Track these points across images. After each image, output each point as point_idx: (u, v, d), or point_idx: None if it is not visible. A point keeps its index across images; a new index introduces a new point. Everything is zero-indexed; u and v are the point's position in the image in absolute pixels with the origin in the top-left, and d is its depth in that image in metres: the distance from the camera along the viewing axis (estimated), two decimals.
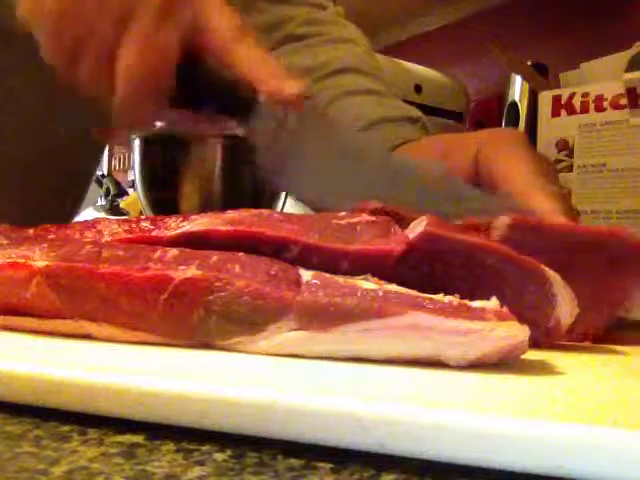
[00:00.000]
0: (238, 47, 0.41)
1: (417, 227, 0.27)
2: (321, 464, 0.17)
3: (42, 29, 0.41)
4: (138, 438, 0.19)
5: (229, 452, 0.18)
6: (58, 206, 0.67)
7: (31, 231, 0.33)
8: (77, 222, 0.33)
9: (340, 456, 0.18)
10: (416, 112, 0.60)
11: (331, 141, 0.42)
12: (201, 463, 0.17)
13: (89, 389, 0.20)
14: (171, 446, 0.18)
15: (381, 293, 0.24)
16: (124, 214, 1.62)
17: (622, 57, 0.69)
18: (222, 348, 0.25)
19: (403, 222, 0.29)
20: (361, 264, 0.27)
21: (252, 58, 0.41)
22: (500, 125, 1.17)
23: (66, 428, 0.19)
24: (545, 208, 0.38)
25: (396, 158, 0.44)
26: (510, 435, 0.16)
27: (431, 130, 0.60)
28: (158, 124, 0.51)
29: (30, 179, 0.64)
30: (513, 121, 1.14)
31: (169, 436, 0.19)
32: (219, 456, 0.18)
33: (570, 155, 0.73)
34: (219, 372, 0.22)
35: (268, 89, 0.41)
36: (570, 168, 0.74)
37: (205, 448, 0.18)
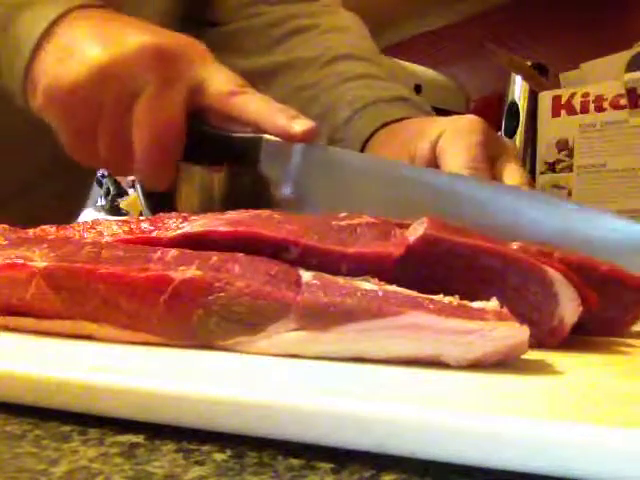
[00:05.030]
0: (239, 100, 0.46)
1: (417, 230, 0.27)
2: (321, 464, 0.17)
3: (57, 121, 0.46)
4: (138, 438, 0.19)
5: (229, 452, 0.18)
6: (60, 208, 0.68)
7: (31, 232, 0.33)
8: (77, 223, 0.33)
9: (340, 456, 0.18)
10: (406, 92, 0.63)
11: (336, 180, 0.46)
12: (201, 463, 0.17)
13: (89, 389, 0.20)
14: (171, 446, 0.18)
15: (381, 293, 0.24)
16: (124, 214, 1.62)
17: (622, 57, 0.69)
18: (222, 348, 0.25)
19: (404, 224, 0.29)
20: (360, 266, 0.27)
21: (256, 106, 0.46)
22: (500, 125, 1.17)
23: (66, 428, 0.19)
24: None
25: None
26: (510, 435, 0.16)
27: (424, 108, 0.62)
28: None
29: (34, 183, 0.66)
30: (513, 121, 1.14)
31: (169, 436, 0.19)
32: (219, 456, 0.18)
33: (570, 155, 0.73)
34: (219, 372, 0.22)
35: (276, 130, 0.45)
36: (570, 168, 0.74)
37: (205, 448, 0.18)
